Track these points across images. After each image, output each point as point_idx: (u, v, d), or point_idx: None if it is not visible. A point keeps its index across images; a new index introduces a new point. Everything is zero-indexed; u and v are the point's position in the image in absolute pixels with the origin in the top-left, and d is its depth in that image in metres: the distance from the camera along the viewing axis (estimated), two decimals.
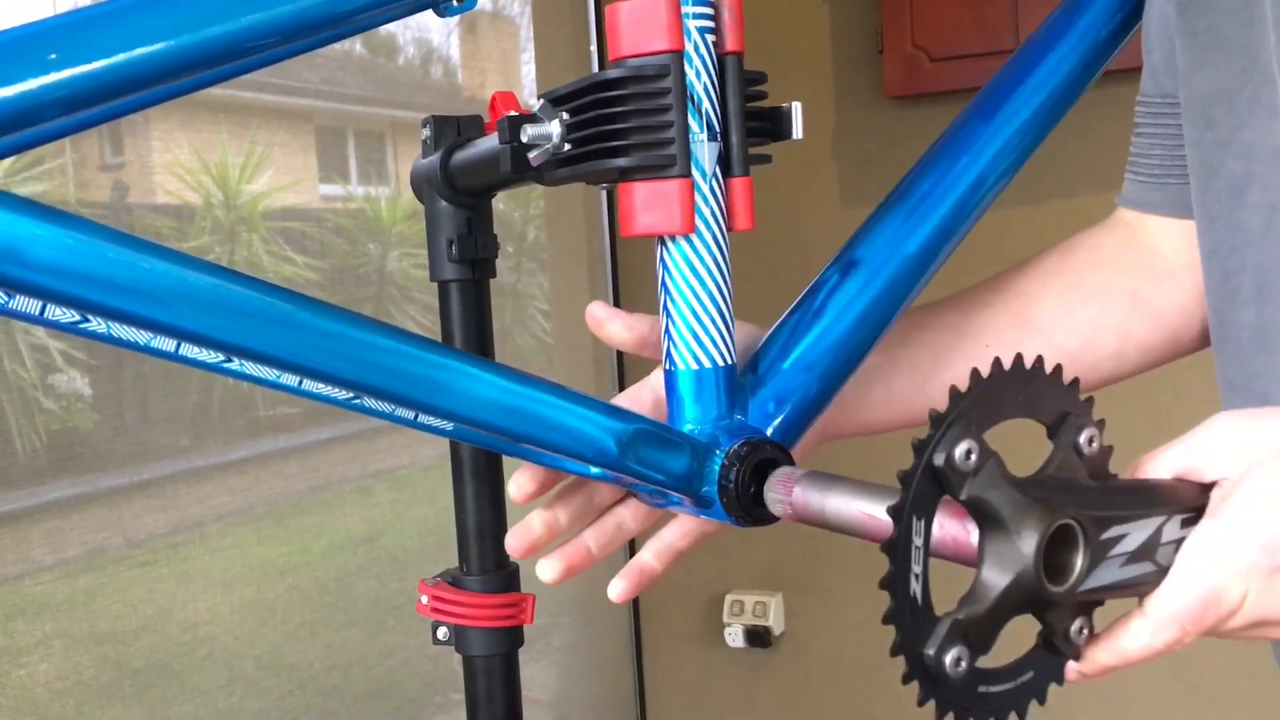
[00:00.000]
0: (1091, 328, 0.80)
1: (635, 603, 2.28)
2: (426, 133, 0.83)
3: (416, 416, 0.58)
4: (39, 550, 1.33)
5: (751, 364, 0.69)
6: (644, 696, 2.31)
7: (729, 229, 0.64)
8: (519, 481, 0.67)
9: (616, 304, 2.21)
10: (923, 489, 0.51)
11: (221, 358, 0.51)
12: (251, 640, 1.55)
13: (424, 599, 0.85)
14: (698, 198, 0.62)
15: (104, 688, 1.37)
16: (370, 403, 0.56)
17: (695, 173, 0.62)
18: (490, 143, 0.75)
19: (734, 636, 2.23)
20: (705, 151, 0.62)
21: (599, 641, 2.26)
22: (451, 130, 0.83)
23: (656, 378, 0.69)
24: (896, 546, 0.50)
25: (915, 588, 0.50)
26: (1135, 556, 0.53)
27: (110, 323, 0.49)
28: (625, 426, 0.60)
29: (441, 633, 0.85)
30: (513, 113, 0.66)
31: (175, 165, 1.54)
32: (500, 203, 2.12)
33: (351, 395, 0.54)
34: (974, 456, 0.51)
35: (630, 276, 2.27)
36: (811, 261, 0.73)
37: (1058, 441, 0.55)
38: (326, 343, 0.51)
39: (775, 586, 2.25)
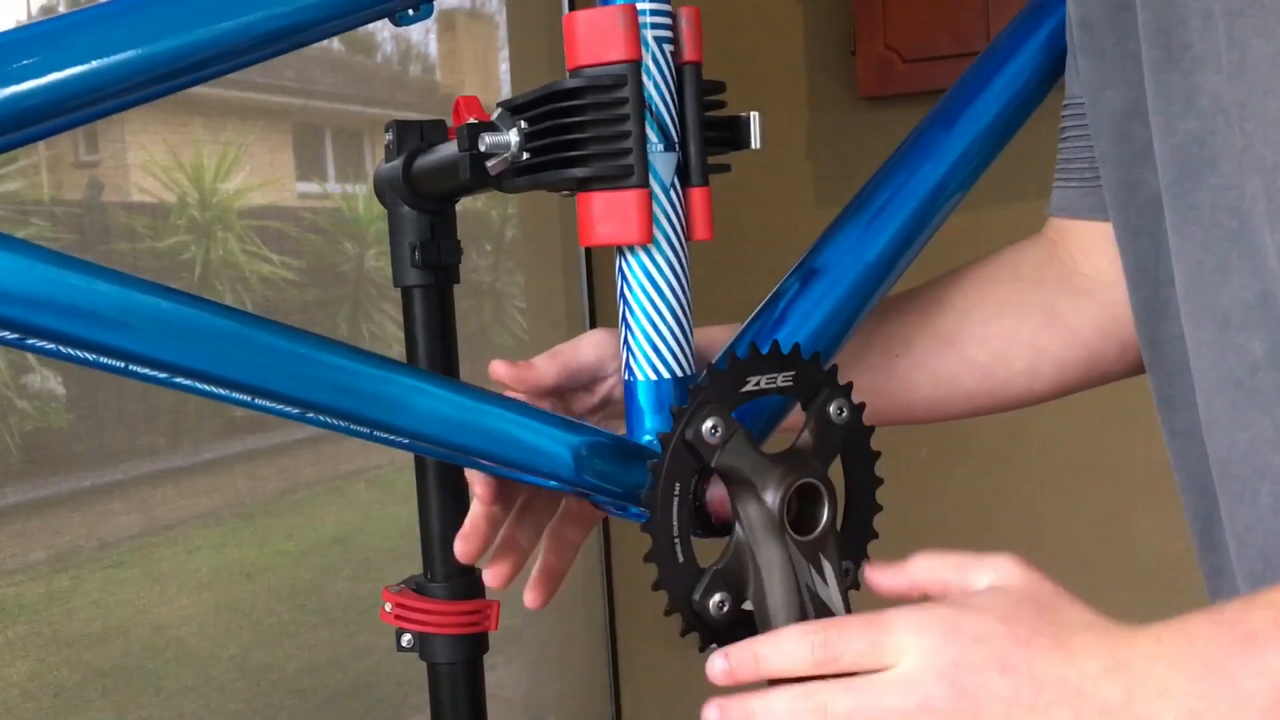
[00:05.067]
0: (1004, 341, 0.78)
1: (610, 602, 2.28)
2: (389, 137, 0.83)
3: (371, 431, 0.57)
4: (10, 551, 1.32)
5: None
6: (619, 695, 2.31)
7: (687, 239, 0.64)
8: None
9: (591, 303, 2.21)
10: (678, 459, 0.60)
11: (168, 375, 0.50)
12: (223, 642, 1.55)
13: (388, 606, 0.85)
14: (656, 208, 0.62)
15: (74, 690, 1.36)
16: (322, 417, 0.55)
17: (653, 183, 0.62)
18: (451, 149, 0.75)
19: None
20: (663, 162, 0.62)
21: (573, 641, 2.26)
22: (414, 135, 0.82)
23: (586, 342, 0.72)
24: (655, 503, 0.59)
25: (679, 550, 0.60)
26: None
27: (53, 344, 0.49)
28: (582, 440, 0.60)
29: (406, 639, 0.85)
30: (472, 120, 0.66)
31: (150, 163, 1.53)
32: (479, 201, 2.11)
33: (302, 411, 0.54)
34: (720, 430, 0.60)
35: (605, 275, 2.27)
36: (786, 263, 0.73)
37: (809, 412, 0.64)
38: (273, 361, 0.51)
39: None
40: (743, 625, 0.61)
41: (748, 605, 0.61)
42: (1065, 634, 0.53)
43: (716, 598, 0.60)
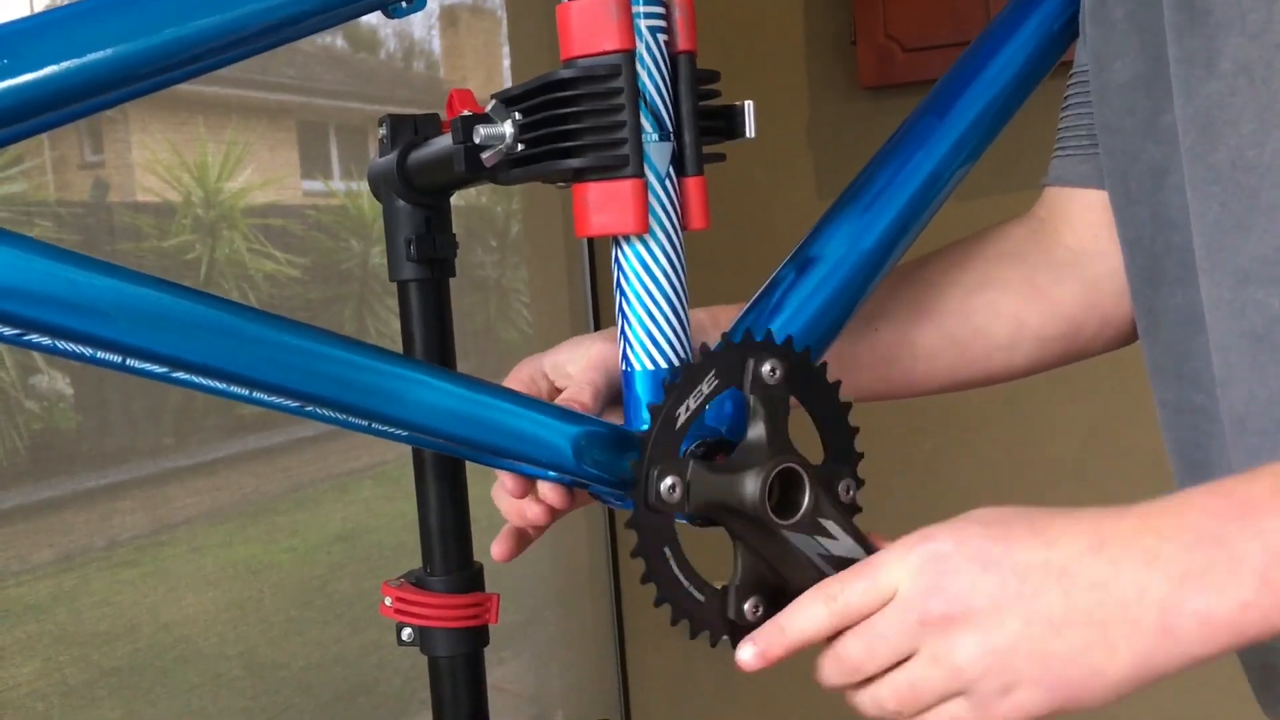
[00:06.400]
0: (984, 315, 0.78)
1: (617, 594, 2.28)
2: (383, 131, 0.83)
3: (370, 424, 0.57)
4: (17, 551, 1.32)
5: None
6: (627, 688, 2.31)
7: (683, 228, 0.64)
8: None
9: (594, 296, 2.21)
10: (650, 524, 0.59)
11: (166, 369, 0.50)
12: (231, 639, 1.55)
13: (387, 600, 0.84)
14: (651, 198, 0.62)
15: (83, 688, 1.36)
16: (321, 410, 0.55)
17: (649, 173, 0.62)
18: (445, 142, 0.74)
19: None
20: (658, 151, 0.62)
21: (581, 634, 2.26)
22: (408, 129, 0.82)
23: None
24: (650, 578, 0.60)
25: (688, 586, 0.61)
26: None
27: (51, 338, 0.49)
28: (580, 430, 0.60)
29: (406, 634, 0.85)
30: (466, 113, 0.66)
31: (155, 163, 1.53)
32: (483, 197, 2.11)
33: (301, 404, 0.54)
34: (677, 489, 0.59)
35: (608, 267, 2.26)
36: (786, 253, 0.73)
37: (748, 392, 0.62)
38: (271, 354, 0.51)
39: None
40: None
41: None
42: (1042, 523, 0.55)
43: (749, 604, 0.62)
